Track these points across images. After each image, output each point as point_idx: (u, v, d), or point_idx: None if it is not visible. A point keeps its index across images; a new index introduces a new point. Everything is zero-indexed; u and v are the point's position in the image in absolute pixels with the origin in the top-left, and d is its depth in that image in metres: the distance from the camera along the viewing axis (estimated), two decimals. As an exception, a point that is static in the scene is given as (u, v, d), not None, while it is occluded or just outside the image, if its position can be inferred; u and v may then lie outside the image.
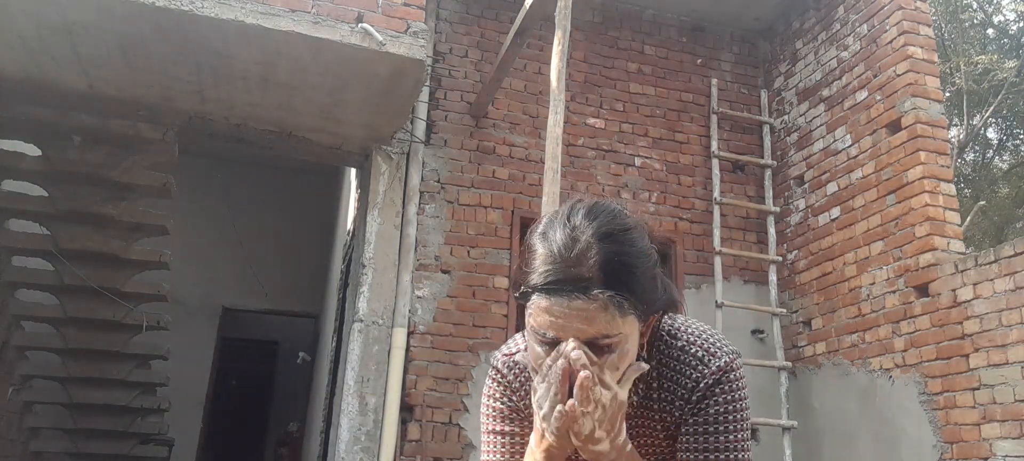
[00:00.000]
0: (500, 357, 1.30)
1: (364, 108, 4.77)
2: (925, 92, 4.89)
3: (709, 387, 1.16)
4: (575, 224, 1.04)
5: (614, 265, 1.00)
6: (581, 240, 1.01)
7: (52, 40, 4.10)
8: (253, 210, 9.21)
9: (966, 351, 4.29)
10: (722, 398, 1.16)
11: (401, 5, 4.23)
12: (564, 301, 1.00)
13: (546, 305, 1.01)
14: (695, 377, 1.17)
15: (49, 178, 5.14)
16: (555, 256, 1.01)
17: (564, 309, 1.00)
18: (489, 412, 1.28)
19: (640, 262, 1.03)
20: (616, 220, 1.05)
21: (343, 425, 4.70)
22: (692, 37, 6.33)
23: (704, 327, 1.23)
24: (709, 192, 5.89)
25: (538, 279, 1.02)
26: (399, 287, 4.98)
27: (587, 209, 1.06)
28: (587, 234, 1.02)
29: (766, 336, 5.68)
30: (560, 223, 1.05)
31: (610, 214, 1.05)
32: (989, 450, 4.09)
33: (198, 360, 8.79)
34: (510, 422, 1.26)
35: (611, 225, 1.03)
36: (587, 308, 0.99)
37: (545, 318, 1.02)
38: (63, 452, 6.37)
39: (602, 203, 1.07)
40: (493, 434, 1.27)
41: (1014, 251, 4.09)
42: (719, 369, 1.16)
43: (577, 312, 1.00)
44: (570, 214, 1.06)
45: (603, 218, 1.04)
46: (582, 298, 0.99)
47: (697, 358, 1.18)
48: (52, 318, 5.68)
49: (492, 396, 1.29)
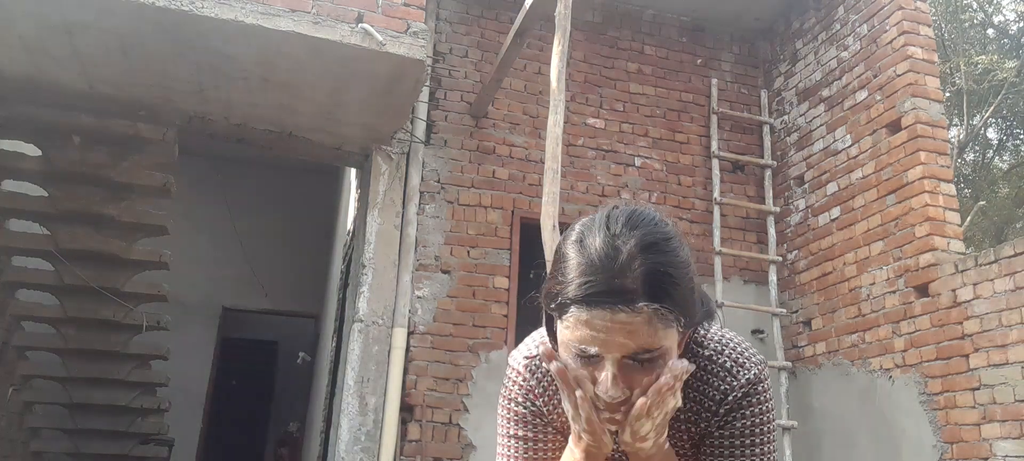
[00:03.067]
0: (521, 358, 1.23)
1: (364, 108, 4.77)
2: (925, 92, 4.89)
3: (738, 400, 1.12)
4: (616, 232, 0.98)
5: (658, 276, 0.95)
6: (624, 250, 0.96)
7: (52, 40, 4.10)
8: (253, 210, 9.21)
9: (966, 351, 4.29)
10: (751, 411, 1.13)
11: (401, 5, 4.23)
12: (607, 314, 0.94)
13: (587, 318, 0.95)
14: (723, 389, 1.13)
15: (49, 178, 5.14)
16: (596, 266, 0.95)
17: (606, 322, 0.94)
18: (508, 415, 1.22)
19: (683, 274, 0.98)
20: (658, 229, 0.99)
21: (343, 425, 4.71)
22: (692, 37, 6.33)
23: (731, 335, 1.19)
24: (709, 192, 5.89)
25: (578, 291, 0.96)
26: (399, 287, 4.98)
27: (627, 217, 1.00)
28: (631, 244, 0.96)
29: (766, 336, 5.68)
30: (599, 230, 0.99)
31: (652, 223, 1.00)
32: (989, 450, 4.09)
33: (198, 360, 8.79)
34: (531, 427, 1.20)
35: (654, 234, 0.98)
36: (632, 321, 0.94)
37: (585, 332, 0.96)
38: (63, 452, 6.37)
39: (641, 210, 1.02)
40: (512, 438, 1.22)
41: (1014, 251, 4.09)
42: (749, 382, 1.13)
43: (621, 325, 0.94)
44: (609, 221, 1.00)
45: (645, 227, 0.99)
46: (626, 311, 0.94)
47: (726, 368, 1.14)
48: (52, 318, 5.68)
49: (512, 399, 1.22)
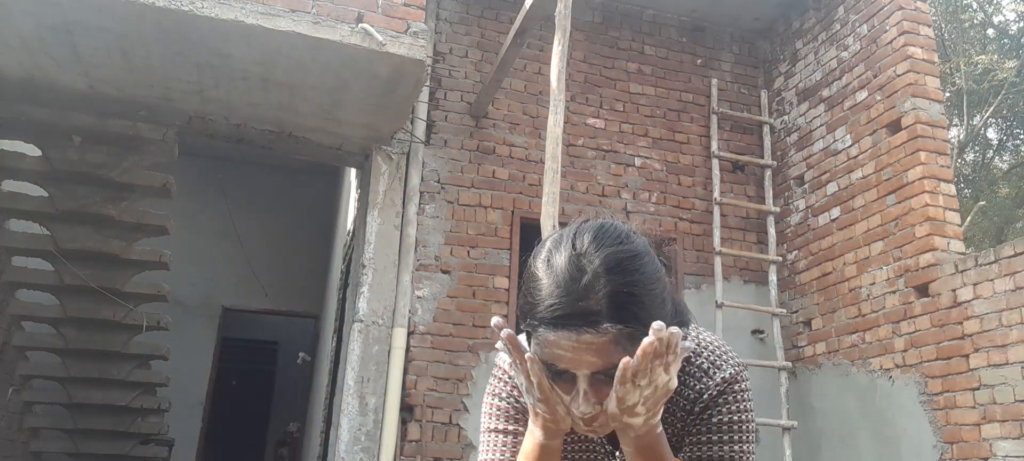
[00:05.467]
0: (506, 358, 1.25)
1: (364, 108, 4.77)
2: (925, 92, 4.89)
3: (713, 398, 1.13)
4: (581, 251, 0.99)
5: (623, 298, 0.96)
6: (588, 271, 0.97)
7: (52, 40, 4.10)
8: (253, 210, 9.21)
9: (966, 351, 4.29)
10: (726, 408, 1.14)
11: (401, 5, 4.23)
12: (572, 335, 0.96)
13: (554, 338, 0.97)
14: (699, 389, 1.14)
15: (49, 178, 5.14)
16: (561, 288, 0.97)
17: (573, 343, 0.96)
18: (492, 411, 1.25)
19: (649, 290, 0.99)
20: (623, 247, 1.00)
21: (343, 425, 4.71)
22: (692, 37, 6.33)
23: (710, 337, 1.20)
24: (709, 192, 5.89)
25: (545, 312, 0.98)
26: (399, 287, 4.98)
27: (594, 234, 1.01)
28: (595, 264, 0.97)
29: (766, 336, 5.68)
30: (565, 248, 1.00)
31: (617, 240, 1.00)
32: (989, 450, 4.09)
33: (198, 360, 8.79)
34: (514, 422, 1.23)
35: (619, 253, 0.99)
36: (596, 341, 0.95)
37: (554, 351, 0.98)
38: (63, 452, 6.38)
39: (608, 225, 1.03)
40: (495, 433, 1.24)
41: (1014, 251, 4.09)
42: (724, 381, 1.14)
43: (586, 345, 0.96)
44: (575, 239, 1.01)
45: (611, 245, 0.99)
46: (591, 332, 0.95)
47: (702, 369, 1.15)
48: (52, 318, 5.68)
49: (497, 394, 1.25)
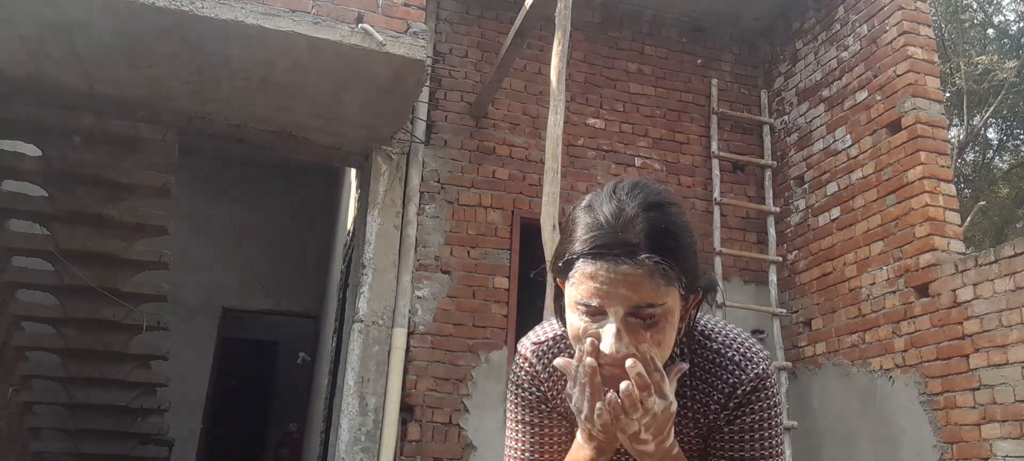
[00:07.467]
0: (528, 344, 1.27)
1: (364, 108, 4.77)
2: (925, 92, 4.89)
3: (746, 394, 1.15)
4: (621, 197, 1.05)
5: (660, 232, 1.01)
6: (627, 209, 1.02)
7: (52, 40, 4.10)
8: (253, 210, 9.21)
9: (966, 351, 4.29)
10: (759, 406, 1.16)
11: (401, 5, 4.23)
12: (610, 265, 0.99)
13: (591, 270, 1.01)
14: (732, 382, 1.16)
15: (49, 178, 5.14)
16: (601, 224, 1.02)
17: (610, 274, 0.99)
18: (515, 400, 1.26)
19: (685, 234, 1.04)
20: (662, 195, 1.06)
21: (343, 425, 4.71)
22: (692, 37, 6.32)
23: (738, 330, 1.22)
24: (709, 192, 5.89)
25: (583, 245, 1.02)
26: (399, 287, 4.98)
27: (631, 185, 1.07)
28: (634, 204, 1.03)
29: (766, 336, 5.68)
30: (605, 196, 1.06)
31: (655, 189, 1.07)
32: (989, 450, 4.09)
33: (198, 360, 8.79)
34: (537, 412, 1.24)
35: (658, 198, 1.05)
36: (634, 273, 0.99)
37: (590, 285, 1.01)
38: (63, 452, 6.37)
39: (645, 181, 1.09)
40: (520, 424, 1.25)
41: (1014, 251, 4.09)
42: (756, 377, 1.16)
43: (623, 277, 0.99)
44: (615, 189, 1.07)
45: (649, 191, 1.06)
46: (629, 263, 0.99)
47: (734, 362, 1.17)
48: (52, 318, 5.68)
49: (520, 385, 1.26)
